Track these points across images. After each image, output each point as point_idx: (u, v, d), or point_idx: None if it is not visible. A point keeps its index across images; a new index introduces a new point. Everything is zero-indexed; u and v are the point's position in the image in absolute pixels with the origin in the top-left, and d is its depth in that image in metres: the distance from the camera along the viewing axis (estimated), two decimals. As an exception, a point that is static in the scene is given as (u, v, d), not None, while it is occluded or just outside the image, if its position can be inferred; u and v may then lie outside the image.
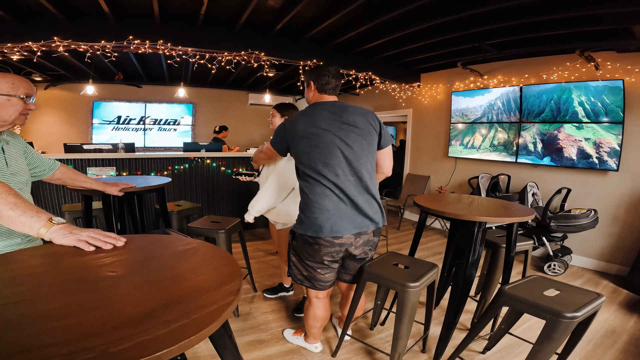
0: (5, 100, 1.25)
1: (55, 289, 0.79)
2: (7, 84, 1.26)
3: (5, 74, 1.28)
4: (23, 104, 1.30)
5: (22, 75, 1.20)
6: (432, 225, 5.38)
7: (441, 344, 2.02)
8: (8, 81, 1.26)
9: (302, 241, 1.71)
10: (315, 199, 1.64)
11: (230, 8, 3.32)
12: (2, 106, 1.25)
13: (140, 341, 0.59)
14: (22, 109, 1.30)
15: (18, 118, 1.31)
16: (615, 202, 3.56)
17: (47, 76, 5.75)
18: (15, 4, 2.94)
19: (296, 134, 1.66)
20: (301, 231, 1.69)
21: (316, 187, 1.64)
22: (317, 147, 1.63)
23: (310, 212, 1.65)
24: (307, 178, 1.67)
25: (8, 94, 1.25)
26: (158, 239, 1.19)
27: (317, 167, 1.63)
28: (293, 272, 1.86)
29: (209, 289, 0.81)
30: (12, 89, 1.26)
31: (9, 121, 1.29)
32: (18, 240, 1.27)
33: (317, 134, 1.64)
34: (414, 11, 3.11)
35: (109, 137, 6.80)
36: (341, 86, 2.01)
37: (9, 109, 1.26)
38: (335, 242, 1.66)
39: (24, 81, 1.32)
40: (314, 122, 1.66)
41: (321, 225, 1.62)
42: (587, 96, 3.64)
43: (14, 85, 1.27)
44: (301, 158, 1.68)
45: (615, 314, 2.67)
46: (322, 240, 1.64)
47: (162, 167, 4.20)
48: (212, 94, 7.46)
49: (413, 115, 5.94)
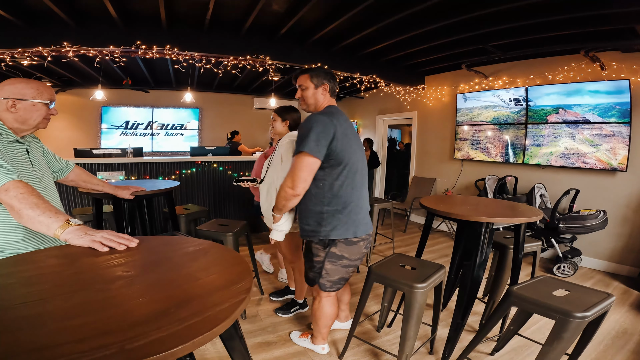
0: (31, 105, 1.31)
1: (72, 288, 0.81)
2: (32, 90, 1.32)
3: (29, 80, 1.36)
4: (47, 109, 1.37)
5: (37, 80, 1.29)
6: (439, 228, 5.36)
7: (449, 345, 2.02)
8: (33, 87, 1.33)
9: (344, 244, 1.75)
10: (353, 200, 1.72)
11: (235, 13, 3.36)
12: (27, 111, 1.31)
13: (156, 338, 0.61)
14: (45, 114, 1.37)
15: (41, 122, 1.38)
16: (624, 203, 3.52)
17: (56, 81, 5.85)
18: (25, 9, 3.01)
19: (342, 133, 1.64)
20: (346, 235, 1.73)
21: (354, 189, 1.74)
22: (355, 150, 1.73)
23: (353, 213, 1.73)
24: (345, 179, 1.71)
25: (34, 99, 1.32)
26: (169, 240, 1.21)
27: (354, 169, 1.72)
28: (324, 282, 1.82)
29: (220, 288, 0.83)
30: (37, 95, 1.33)
31: (33, 125, 1.35)
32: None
33: (353, 137, 1.73)
34: (419, 13, 3.12)
35: (117, 142, 6.88)
36: (346, 89, 2.07)
37: (34, 114, 1.33)
38: (369, 236, 1.84)
39: (47, 87, 1.39)
40: (347, 124, 1.73)
41: (361, 222, 1.77)
42: (593, 96, 3.61)
43: (39, 90, 1.33)
44: (343, 159, 1.66)
45: (626, 315, 2.64)
46: (365, 235, 1.79)
47: (170, 171, 4.24)
48: (217, 99, 7.52)
49: (418, 117, 5.93)
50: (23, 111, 1.30)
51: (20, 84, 1.32)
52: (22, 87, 1.31)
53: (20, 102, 1.29)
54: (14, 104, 1.28)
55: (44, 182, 1.39)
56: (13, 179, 1.13)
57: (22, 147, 1.34)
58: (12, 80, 1.32)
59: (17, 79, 1.34)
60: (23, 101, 1.29)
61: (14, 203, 1.09)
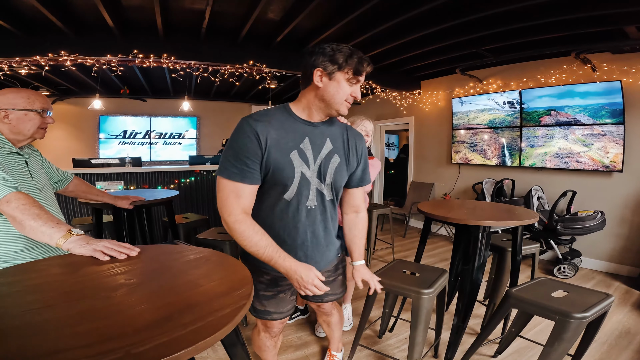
0: (23, 115, 1.29)
1: (76, 296, 0.83)
2: (23, 99, 1.29)
3: (20, 89, 1.33)
4: (40, 118, 1.34)
5: (30, 89, 1.25)
6: (439, 232, 5.37)
7: (451, 348, 2.02)
8: (24, 96, 1.30)
9: None
10: None
11: (231, 21, 3.40)
12: (20, 121, 1.29)
13: (160, 342, 0.62)
14: (40, 123, 1.34)
15: (37, 132, 1.35)
16: (621, 203, 3.55)
17: (54, 90, 5.87)
18: (23, 18, 3.04)
19: None
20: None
21: None
22: None
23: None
24: None
25: (25, 108, 1.29)
26: (170, 248, 1.22)
27: None
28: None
29: (221, 294, 0.84)
30: (28, 104, 1.30)
31: (28, 135, 1.33)
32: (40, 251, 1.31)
33: None
34: (413, 19, 3.17)
35: (115, 152, 6.89)
36: None
37: (27, 124, 1.31)
38: None
39: (40, 95, 1.36)
40: None
41: None
42: (586, 98, 3.66)
43: (29, 99, 1.31)
44: None
45: (628, 315, 2.65)
46: None
47: (169, 180, 4.25)
48: (215, 107, 7.56)
49: (415, 122, 5.98)
50: (16, 121, 1.28)
51: (10, 93, 1.29)
52: (12, 97, 1.28)
53: (12, 112, 1.27)
54: (6, 114, 1.26)
55: (43, 193, 1.39)
56: (14, 190, 1.14)
57: (22, 158, 1.33)
58: (4, 91, 1.30)
59: (8, 89, 1.32)
60: (15, 111, 1.27)
61: (16, 214, 1.10)
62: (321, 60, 1.15)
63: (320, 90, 1.18)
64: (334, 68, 1.15)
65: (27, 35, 3.16)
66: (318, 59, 1.16)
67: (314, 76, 1.17)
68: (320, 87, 1.17)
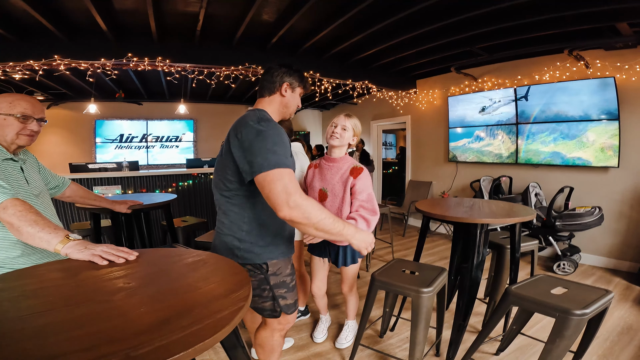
0: (2, 119, 1.25)
1: (75, 300, 0.82)
2: (4, 103, 1.25)
3: (8, 93, 1.30)
4: (20, 124, 1.28)
5: (24, 94, 1.19)
6: (438, 230, 5.38)
7: (452, 346, 2.02)
8: (6, 100, 1.26)
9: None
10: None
11: (226, 24, 3.40)
12: (0, 126, 1.25)
13: (160, 345, 0.62)
14: (20, 129, 1.28)
15: (18, 138, 1.29)
16: (619, 199, 3.57)
17: (49, 95, 5.84)
18: (16, 23, 3.02)
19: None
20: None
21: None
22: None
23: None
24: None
25: (3, 112, 1.25)
26: (168, 252, 1.21)
27: None
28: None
29: (219, 297, 0.84)
30: (8, 108, 1.26)
31: (9, 141, 1.28)
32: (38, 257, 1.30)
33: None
34: (407, 18, 3.18)
35: (112, 156, 6.87)
36: (339, 96, 2.00)
37: (6, 129, 1.26)
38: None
39: (26, 101, 1.30)
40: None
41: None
42: (581, 95, 3.68)
43: (11, 104, 1.26)
44: None
45: (630, 311, 2.65)
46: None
47: (166, 184, 4.24)
48: (212, 109, 7.55)
49: (412, 121, 5.99)
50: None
51: None
52: None
53: None
54: None
55: (40, 199, 1.38)
56: (11, 197, 1.13)
57: (17, 164, 1.32)
58: None
59: None
60: None
61: (13, 221, 1.09)
62: (290, 77, 1.44)
63: (285, 99, 1.45)
64: (296, 84, 1.46)
65: (20, 40, 3.15)
66: (287, 75, 1.44)
67: (282, 87, 1.42)
68: (286, 96, 1.44)
